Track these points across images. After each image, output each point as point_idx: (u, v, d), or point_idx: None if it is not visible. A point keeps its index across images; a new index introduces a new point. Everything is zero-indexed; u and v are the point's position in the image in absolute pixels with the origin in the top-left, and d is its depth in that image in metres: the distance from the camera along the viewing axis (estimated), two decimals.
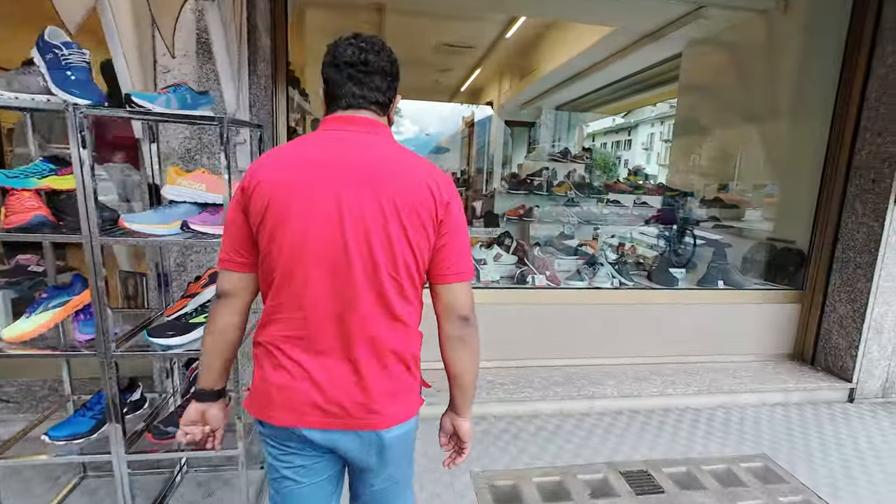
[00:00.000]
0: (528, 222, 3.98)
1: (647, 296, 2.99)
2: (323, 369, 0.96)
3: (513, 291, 2.82)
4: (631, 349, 3.00)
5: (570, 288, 2.91)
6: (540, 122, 9.30)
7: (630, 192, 4.19)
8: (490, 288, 2.81)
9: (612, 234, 4.27)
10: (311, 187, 0.91)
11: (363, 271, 0.92)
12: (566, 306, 2.86)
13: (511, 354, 2.85)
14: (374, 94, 0.99)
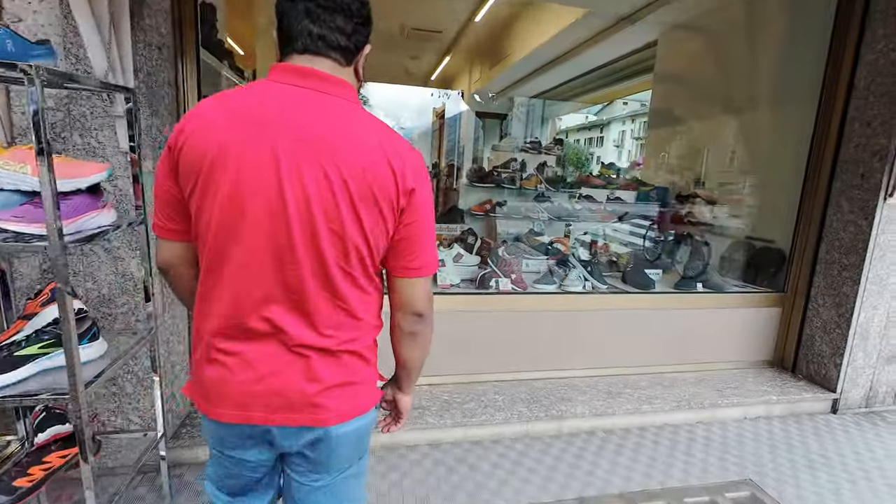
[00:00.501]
0: (495, 218, 3.67)
1: (622, 300, 2.71)
2: (264, 359, 0.86)
3: (474, 297, 2.49)
4: (603, 360, 2.72)
5: (538, 293, 2.60)
6: (512, 114, 9.02)
7: (603, 186, 3.92)
8: (448, 293, 2.47)
9: (584, 231, 4.00)
10: (247, 155, 0.77)
11: (309, 263, 0.81)
12: (533, 313, 2.55)
13: (471, 368, 2.53)
14: (335, 36, 0.83)
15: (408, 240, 0.88)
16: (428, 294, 0.95)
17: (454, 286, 2.57)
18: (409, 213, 0.85)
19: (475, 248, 3.12)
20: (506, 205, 3.70)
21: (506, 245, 3.13)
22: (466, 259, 2.75)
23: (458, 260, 2.72)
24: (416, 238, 0.88)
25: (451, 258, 2.63)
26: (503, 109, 8.95)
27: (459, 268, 2.72)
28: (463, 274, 2.73)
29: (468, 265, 2.75)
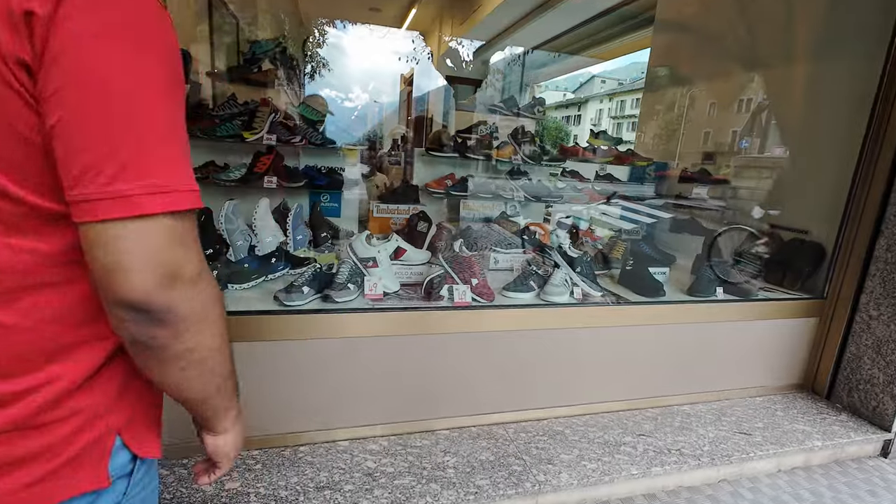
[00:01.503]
0: (459, 198, 2.88)
1: (624, 314, 2.00)
2: None
3: (416, 315, 1.72)
4: (596, 393, 2.02)
5: (509, 305, 1.85)
6: (487, 81, 8.14)
7: (592, 157, 3.18)
8: (377, 310, 1.69)
9: (566, 215, 3.27)
10: None
11: None
12: (502, 335, 1.81)
13: (412, 413, 1.78)
14: None
15: (72, 127, 0.44)
16: (158, 257, 0.49)
17: (389, 296, 1.79)
18: (58, 62, 0.43)
19: (427, 238, 2.33)
20: (471, 181, 2.91)
21: (465, 236, 2.35)
22: (411, 255, 1.96)
23: (399, 256, 1.93)
24: (92, 123, 0.45)
25: (386, 255, 1.84)
26: (478, 75, 8.06)
27: (400, 268, 1.94)
28: (405, 277, 1.94)
29: (413, 263, 1.96)
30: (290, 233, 2.07)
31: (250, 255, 1.88)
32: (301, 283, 1.64)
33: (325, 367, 1.65)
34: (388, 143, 6.96)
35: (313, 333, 1.59)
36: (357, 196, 2.92)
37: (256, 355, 1.57)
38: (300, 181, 2.52)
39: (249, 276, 1.74)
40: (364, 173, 3.46)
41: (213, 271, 1.65)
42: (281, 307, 1.59)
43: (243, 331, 1.51)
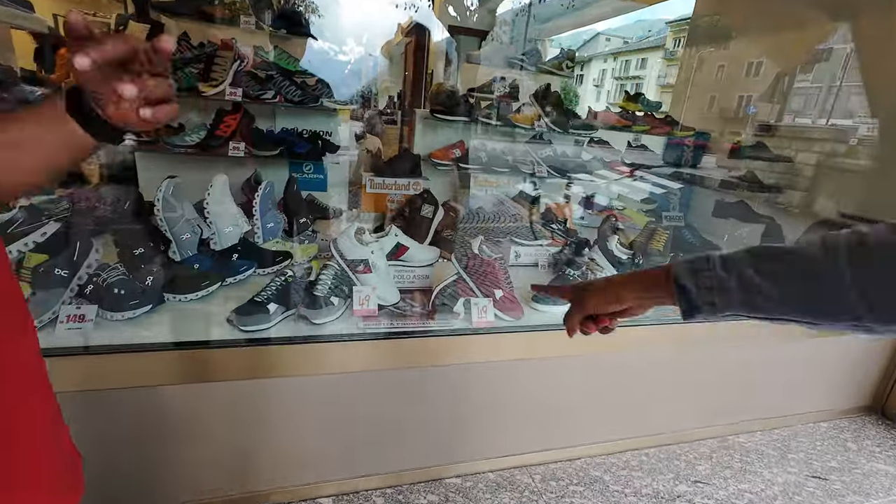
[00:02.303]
0: (468, 172, 2.40)
1: (673, 335, 1.58)
2: None
3: (423, 342, 1.29)
4: (635, 425, 1.64)
5: (540, 328, 1.42)
6: (493, 34, 7.39)
7: (629, 126, 2.68)
8: (370, 336, 1.25)
9: (590, 193, 2.81)
10: None
11: None
12: (532, 364, 1.40)
13: (416, 461, 1.39)
14: None
15: None
16: None
17: (386, 309, 1.36)
18: None
19: (432, 225, 1.87)
20: (484, 151, 2.42)
21: (478, 220, 1.90)
22: (414, 254, 1.51)
23: (399, 255, 1.48)
24: None
25: (383, 255, 1.40)
26: (483, 26, 7.30)
27: (402, 271, 1.49)
28: (405, 281, 1.50)
29: (416, 265, 1.51)
30: (258, 219, 1.60)
31: (202, 251, 1.42)
32: (266, 299, 1.20)
33: (301, 410, 1.24)
34: (383, 100, 6.30)
35: (285, 370, 1.16)
36: (347, 166, 2.42)
37: (210, 397, 1.14)
38: (275, 148, 2.02)
39: (199, 283, 1.29)
40: (356, 133, 2.94)
41: (146, 278, 1.20)
42: (238, 334, 1.16)
43: (189, 367, 1.08)
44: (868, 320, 0.47)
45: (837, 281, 0.48)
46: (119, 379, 1.04)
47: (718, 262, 0.57)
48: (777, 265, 0.53)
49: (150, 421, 1.12)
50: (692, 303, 0.57)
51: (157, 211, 1.30)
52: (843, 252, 0.48)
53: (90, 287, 1.15)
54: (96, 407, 1.06)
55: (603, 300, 0.66)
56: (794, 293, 0.51)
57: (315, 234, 1.78)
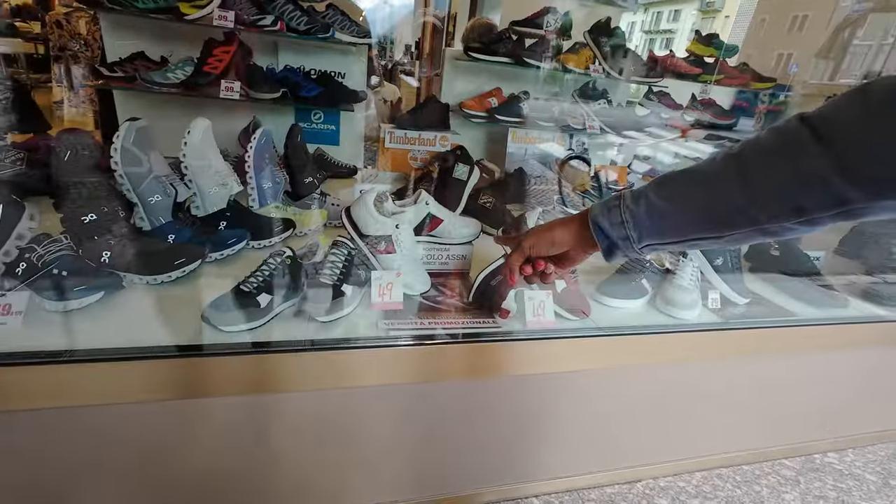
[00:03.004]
0: (508, 126, 2.02)
1: (778, 339, 1.25)
2: None
3: (464, 350, 0.98)
4: (708, 441, 1.35)
5: (612, 334, 1.09)
6: None
7: (697, 74, 2.23)
8: (391, 341, 0.95)
9: (645, 155, 2.41)
10: None
11: None
12: (596, 375, 1.09)
13: (431, 487, 1.13)
14: None
15: None
16: None
17: (413, 298, 1.05)
18: None
19: (466, 190, 1.52)
20: (526, 100, 2.02)
21: (520, 184, 1.56)
22: (449, 227, 1.18)
23: (431, 229, 1.16)
24: None
25: (409, 227, 1.07)
26: None
27: (433, 250, 1.17)
28: (435, 262, 1.18)
29: (453, 242, 1.19)
30: (252, 178, 1.27)
31: (178, 218, 1.11)
32: (255, 288, 0.90)
33: (296, 436, 0.96)
34: (399, 50, 5.75)
35: (282, 385, 0.87)
36: (364, 115, 2.06)
37: (179, 419, 0.87)
38: (276, 90, 1.66)
39: (172, 261, 0.99)
40: (371, 84, 2.55)
41: (100, 254, 0.90)
42: (219, 336, 0.86)
43: (153, 382, 0.80)
44: (764, 218, 0.50)
45: (726, 186, 0.51)
46: (51, 397, 0.76)
47: (629, 196, 0.59)
48: (676, 185, 0.56)
49: (90, 446, 0.85)
50: (609, 239, 0.60)
51: (115, 164, 0.98)
52: (731, 159, 0.51)
53: (22, 266, 0.85)
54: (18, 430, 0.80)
55: (538, 241, 0.67)
56: (693, 209, 0.54)
57: (324, 196, 1.46)
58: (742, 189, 0.50)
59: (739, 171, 0.50)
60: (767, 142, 0.49)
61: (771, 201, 0.48)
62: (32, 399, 0.76)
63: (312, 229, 1.34)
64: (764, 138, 0.49)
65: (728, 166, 0.51)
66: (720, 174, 0.51)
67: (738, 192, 0.50)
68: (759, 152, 0.49)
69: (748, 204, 0.49)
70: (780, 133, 0.48)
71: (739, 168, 0.50)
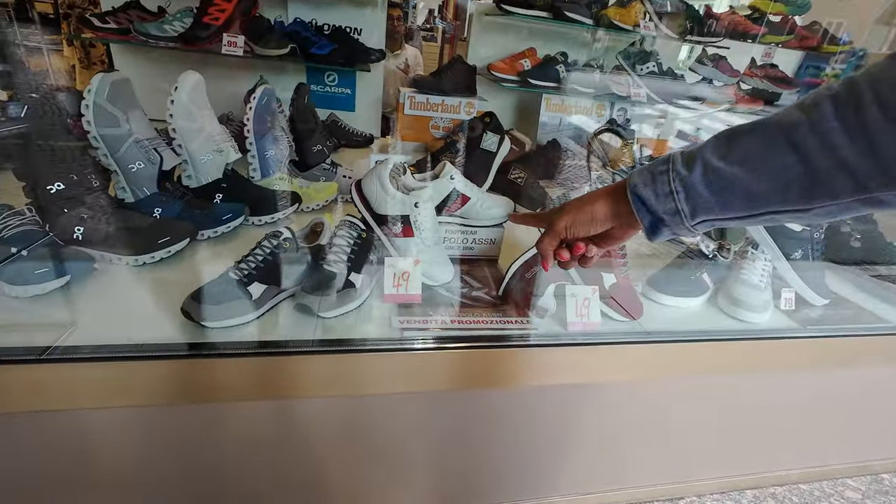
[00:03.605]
0: (542, 92, 1.80)
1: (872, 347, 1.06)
2: None
3: (483, 355, 0.83)
4: (755, 457, 1.19)
5: (666, 340, 0.92)
6: None
7: (760, 34, 1.95)
8: (407, 344, 0.80)
9: (695, 129, 2.16)
10: None
11: None
12: (649, 387, 0.93)
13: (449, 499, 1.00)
14: None
15: None
16: None
17: (434, 290, 0.89)
18: None
19: (494, 163, 1.34)
20: (564, 63, 1.79)
21: (554, 157, 1.37)
22: (478, 207, 1.01)
23: (456, 209, 0.99)
24: None
25: (431, 205, 0.91)
26: None
27: (457, 233, 1.00)
28: (457, 247, 1.02)
29: (481, 223, 1.02)
30: (253, 143, 1.12)
31: (166, 190, 0.97)
32: (245, 276, 0.75)
33: (294, 448, 0.83)
34: (422, 15, 5.41)
35: (279, 391, 0.74)
36: (381, 76, 1.87)
37: (160, 426, 0.75)
38: (283, 46, 1.48)
39: (155, 239, 0.86)
40: (387, 46, 2.33)
41: (70, 230, 0.77)
42: (202, 334, 0.72)
43: (131, 384, 0.67)
44: (877, 184, 0.38)
45: (828, 140, 0.38)
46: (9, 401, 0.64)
47: (679, 159, 0.47)
48: (749, 143, 0.43)
49: (40, 454, 0.74)
50: (654, 215, 0.48)
51: (87, 124, 0.83)
52: (828, 102, 0.38)
53: None
54: None
55: (575, 219, 0.55)
56: (775, 172, 0.41)
57: (334, 167, 1.30)
58: (851, 142, 0.37)
59: (854, 115, 0.37)
60: (889, 72, 0.36)
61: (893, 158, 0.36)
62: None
63: (321, 205, 1.19)
64: (891, 68, 0.36)
65: (834, 110, 0.38)
66: (817, 124, 0.39)
67: (846, 146, 0.37)
68: (885, 87, 0.36)
69: (859, 163, 0.37)
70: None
71: (855, 111, 0.37)
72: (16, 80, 1.19)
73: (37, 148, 0.79)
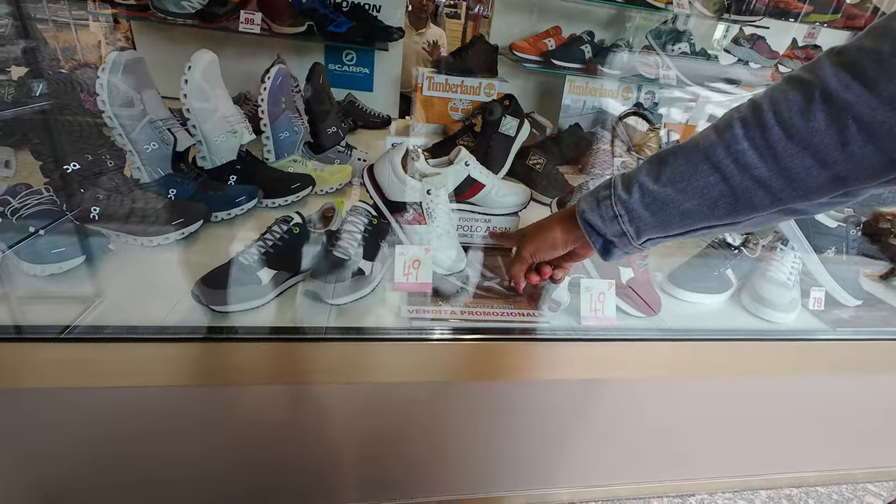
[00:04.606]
0: (566, 73, 1.72)
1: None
2: None
3: (493, 347, 0.81)
4: (770, 457, 1.16)
5: (685, 338, 0.89)
6: None
7: (804, 13, 1.82)
8: (416, 333, 0.79)
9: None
10: None
11: None
12: (643, 383, 0.90)
13: (457, 487, 1.00)
14: None
15: None
16: None
17: (444, 278, 0.88)
18: None
19: (513, 148, 1.30)
20: (590, 43, 1.71)
21: (578, 145, 1.33)
22: (493, 195, 0.97)
23: (469, 196, 0.96)
24: None
25: (444, 192, 0.89)
26: None
27: (470, 220, 0.98)
28: (470, 235, 1.00)
29: (495, 212, 0.99)
30: (267, 125, 1.11)
31: (181, 171, 0.97)
32: (254, 262, 0.75)
33: (300, 431, 0.84)
34: None
35: (287, 376, 0.74)
36: (401, 55, 1.82)
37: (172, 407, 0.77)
38: (301, 23, 1.45)
39: (170, 219, 0.86)
40: (411, 23, 2.28)
41: (88, 210, 0.77)
42: (211, 318, 0.73)
43: (141, 364, 0.68)
44: (789, 197, 0.41)
45: (742, 160, 0.41)
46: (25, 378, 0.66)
47: (619, 183, 0.50)
48: (676, 165, 0.46)
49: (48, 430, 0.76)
50: (604, 237, 0.52)
51: (102, 103, 0.83)
52: (738, 124, 0.42)
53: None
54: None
55: (539, 246, 0.59)
56: (702, 191, 0.44)
57: (349, 150, 1.28)
58: (762, 161, 0.40)
59: (761, 136, 0.40)
60: (793, 94, 0.39)
61: (801, 174, 0.39)
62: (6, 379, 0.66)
63: (335, 188, 1.18)
64: (786, 90, 0.39)
65: (744, 132, 0.41)
66: (730, 145, 0.42)
67: (757, 165, 0.41)
68: (784, 108, 0.39)
69: (772, 179, 0.41)
70: (803, 84, 0.38)
71: (760, 132, 0.40)
72: (37, 56, 1.20)
73: (54, 126, 0.80)
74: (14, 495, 0.82)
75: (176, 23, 1.43)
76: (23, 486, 0.81)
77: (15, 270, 0.74)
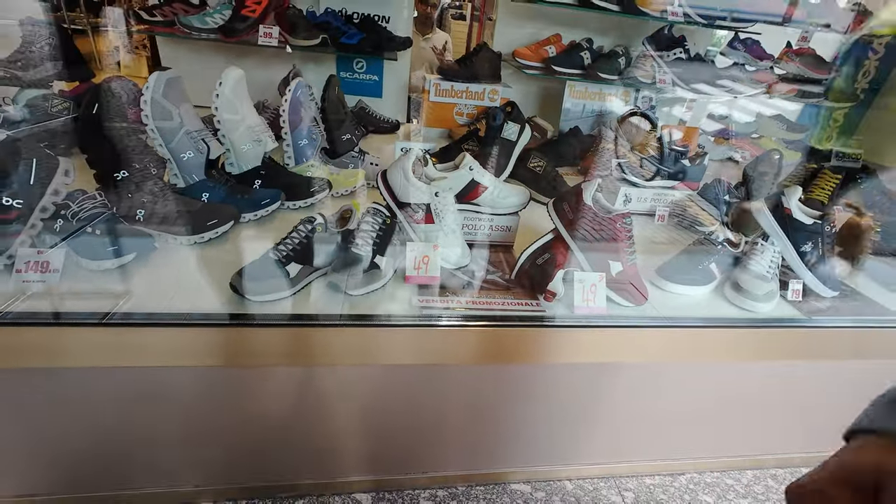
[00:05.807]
0: (566, 79, 1.81)
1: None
2: None
3: (492, 333, 0.90)
4: (758, 439, 1.24)
5: (671, 325, 0.98)
6: None
7: (797, 17, 1.89)
8: (424, 320, 0.89)
9: (724, 115, 2.13)
10: None
11: None
12: (632, 367, 0.99)
13: (460, 463, 1.10)
14: None
15: None
16: None
17: (451, 272, 0.97)
18: None
19: (514, 151, 1.39)
20: (590, 51, 1.80)
21: (575, 145, 1.41)
22: (495, 194, 1.07)
23: (472, 197, 1.05)
24: None
25: (450, 194, 0.98)
26: None
27: (474, 219, 1.07)
28: (480, 235, 1.09)
29: (496, 212, 1.08)
30: (287, 133, 1.21)
31: (212, 176, 1.07)
32: (283, 257, 0.85)
33: (323, 409, 0.94)
34: None
35: (311, 358, 0.84)
36: (408, 64, 1.92)
37: (208, 385, 0.87)
38: (315, 36, 1.55)
39: (206, 220, 0.96)
40: (417, 29, 2.38)
41: (134, 212, 0.88)
42: (247, 306, 0.83)
43: (188, 346, 0.79)
44: None
45: None
46: (90, 356, 0.77)
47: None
48: None
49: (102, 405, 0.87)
50: None
51: (146, 118, 0.94)
52: None
53: (59, 223, 0.85)
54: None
55: None
56: None
57: (362, 155, 1.38)
58: None
59: None
60: None
61: None
62: (75, 358, 0.77)
63: (350, 190, 1.28)
64: None
65: None
66: None
67: None
68: None
69: None
70: None
71: None
72: (81, 71, 1.31)
73: (105, 139, 0.90)
74: (52, 465, 0.92)
75: (199, 38, 1.54)
76: (56, 460, 0.92)
77: (74, 265, 0.84)
